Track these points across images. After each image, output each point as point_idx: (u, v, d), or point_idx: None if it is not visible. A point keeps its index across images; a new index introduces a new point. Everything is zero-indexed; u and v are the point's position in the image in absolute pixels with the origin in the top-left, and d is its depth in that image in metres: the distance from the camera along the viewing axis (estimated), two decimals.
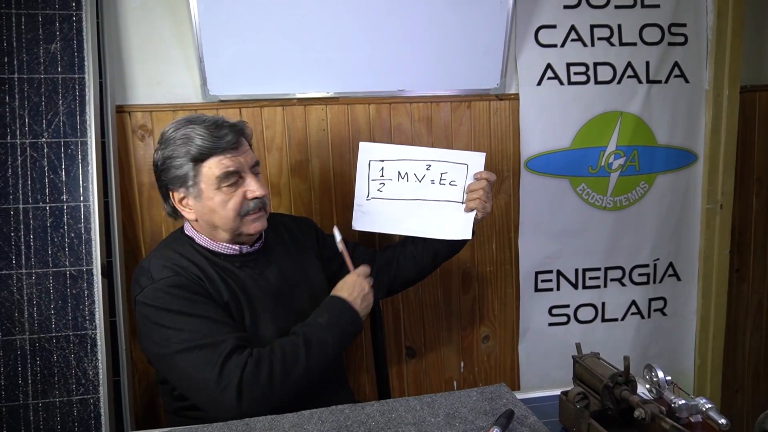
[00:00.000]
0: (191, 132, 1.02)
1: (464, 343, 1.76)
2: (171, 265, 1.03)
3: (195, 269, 1.04)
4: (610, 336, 1.79)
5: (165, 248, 1.09)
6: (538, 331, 1.77)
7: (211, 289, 1.03)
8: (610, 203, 1.73)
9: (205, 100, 1.48)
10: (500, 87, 1.62)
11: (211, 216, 1.05)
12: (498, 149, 1.68)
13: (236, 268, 1.09)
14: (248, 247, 1.13)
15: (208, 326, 0.98)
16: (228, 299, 1.04)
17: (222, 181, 1.03)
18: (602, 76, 1.65)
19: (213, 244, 1.09)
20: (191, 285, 1.01)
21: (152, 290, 1.00)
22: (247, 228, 1.08)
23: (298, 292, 1.16)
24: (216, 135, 1.02)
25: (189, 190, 1.04)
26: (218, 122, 1.04)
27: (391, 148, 1.30)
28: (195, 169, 1.02)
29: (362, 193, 1.31)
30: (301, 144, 1.56)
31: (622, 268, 1.78)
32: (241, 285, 1.07)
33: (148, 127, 1.49)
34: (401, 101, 1.59)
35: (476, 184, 1.27)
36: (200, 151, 1.01)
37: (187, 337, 0.96)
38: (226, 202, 1.04)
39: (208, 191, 1.03)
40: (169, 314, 0.98)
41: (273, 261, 1.16)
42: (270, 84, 1.49)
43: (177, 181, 1.05)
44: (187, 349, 0.96)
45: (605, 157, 1.70)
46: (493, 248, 1.73)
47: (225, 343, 0.96)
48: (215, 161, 1.02)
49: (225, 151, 1.03)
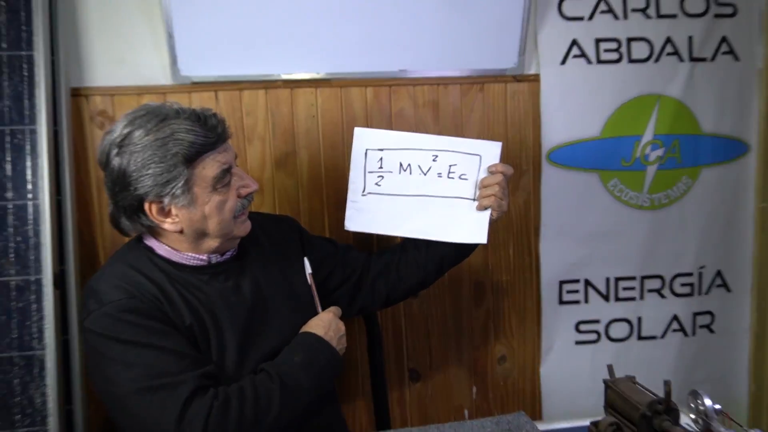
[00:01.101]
0: (176, 128, 0.99)
1: (477, 365, 1.76)
2: (124, 284, 1.01)
3: (152, 288, 1.02)
4: (647, 357, 1.78)
5: (118, 262, 1.07)
6: (563, 350, 1.77)
7: (171, 311, 1.02)
8: (647, 201, 1.73)
9: (176, 82, 1.47)
10: (518, 67, 1.62)
11: (204, 223, 1.04)
12: (515, 139, 1.67)
13: (203, 283, 1.07)
14: (218, 256, 1.11)
15: (165, 361, 0.97)
16: (191, 323, 1.03)
17: (219, 182, 1.03)
18: (637, 54, 1.65)
19: (176, 254, 1.07)
20: (147, 309, 1.00)
21: (100, 316, 0.98)
22: (238, 230, 1.09)
23: (278, 308, 1.15)
24: (207, 128, 1.01)
25: (177, 198, 1.01)
26: (198, 113, 1.03)
27: (391, 134, 1.29)
28: (188, 173, 1.00)
29: (357, 187, 1.30)
30: (287, 133, 1.56)
31: (662, 277, 1.78)
32: (207, 304, 1.06)
33: (108, 113, 1.47)
34: (403, 83, 1.59)
35: (491, 178, 1.27)
36: (196, 149, 1.00)
37: (139, 375, 0.95)
38: (223, 203, 1.04)
39: (203, 195, 1.02)
40: (118, 345, 0.96)
41: (248, 271, 1.14)
42: (251, 63, 1.49)
43: (158, 191, 1.00)
44: (139, 390, 0.94)
45: (641, 147, 1.69)
46: (510, 254, 1.73)
47: (184, 385, 0.95)
48: (210, 159, 1.02)
49: (218, 146, 1.03)
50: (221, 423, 0.94)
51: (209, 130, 1.01)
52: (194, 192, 1.02)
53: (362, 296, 1.33)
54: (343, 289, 1.31)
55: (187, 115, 1.02)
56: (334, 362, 1.10)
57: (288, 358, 1.06)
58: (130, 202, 1.02)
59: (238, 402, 0.97)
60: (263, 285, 1.15)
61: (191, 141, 0.99)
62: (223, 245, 1.09)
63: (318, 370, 1.06)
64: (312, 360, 1.06)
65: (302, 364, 1.05)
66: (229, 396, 0.97)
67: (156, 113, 1.01)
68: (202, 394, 0.96)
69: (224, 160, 1.04)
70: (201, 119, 1.02)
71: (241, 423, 0.96)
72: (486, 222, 1.28)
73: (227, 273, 1.11)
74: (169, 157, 0.99)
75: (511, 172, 1.28)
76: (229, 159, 1.05)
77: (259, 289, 1.14)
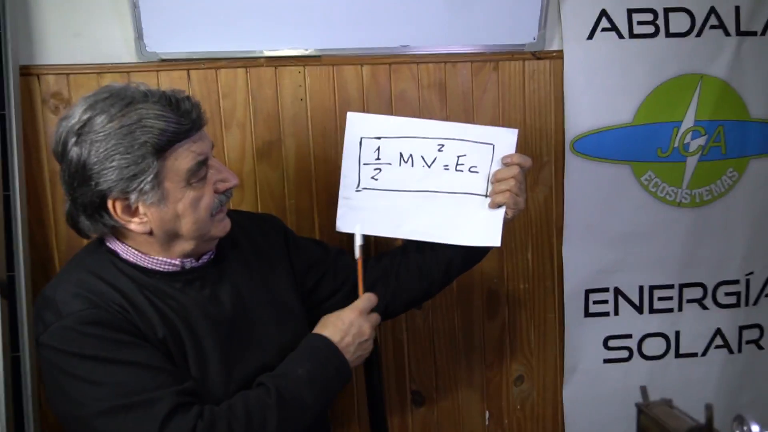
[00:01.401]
0: (144, 113, 0.99)
1: (490, 386, 1.77)
2: (85, 292, 1.02)
3: (117, 297, 1.03)
4: (686, 377, 1.79)
5: (76, 268, 1.07)
6: (589, 369, 1.78)
7: (141, 323, 1.02)
8: (687, 198, 1.73)
9: (141, 60, 1.47)
10: (538, 42, 1.62)
11: (177, 223, 1.05)
12: (535, 125, 1.67)
13: (177, 291, 1.08)
14: (193, 261, 1.11)
15: (138, 376, 0.97)
16: (164, 335, 1.03)
17: (193, 175, 1.03)
18: (676, 27, 1.64)
19: (144, 259, 1.07)
20: (113, 320, 1.00)
21: (59, 329, 0.98)
22: (216, 230, 1.09)
23: (263, 320, 1.16)
24: (180, 113, 1.01)
25: (146, 194, 1.01)
26: (169, 96, 1.03)
27: (390, 120, 1.30)
28: (159, 165, 1.00)
29: (350, 181, 1.30)
30: (271, 118, 1.56)
31: (703, 285, 1.78)
32: (182, 313, 1.06)
33: (63, 95, 1.47)
34: (405, 61, 1.59)
35: (505, 171, 1.27)
36: (167, 138, 0.99)
37: (109, 393, 0.95)
38: (198, 200, 1.04)
39: (176, 191, 1.03)
40: (82, 362, 0.96)
41: (227, 278, 1.15)
42: (229, 38, 1.49)
43: (123, 186, 1.00)
44: (110, 410, 0.94)
45: (680, 135, 1.69)
46: (528, 258, 1.74)
47: (162, 402, 0.95)
48: (184, 149, 1.02)
49: (192, 134, 1.03)
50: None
51: (182, 115, 1.01)
52: (165, 187, 1.02)
53: None
54: (335, 300, 1.31)
55: (157, 98, 1.01)
56: (342, 377, 1.10)
57: (291, 369, 1.07)
58: (91, 198, 1.01)
59: (226, 420, 0.97)
60: (245, 294, 1.15)
61: (162, 128, 0.99)
62: (198, 248, 1.10)
63: (324, 384, 1.07)
64: (319, 373, 1.07)
65: (307, 377, 1.05)
66: (216, 414, 0.98)
67: (121, 96, 1.00)
68: (183, 411, 0.96)
69: (199, 151, 1.04)
70: (173, 103, 1.01)
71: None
72: (500, 222, 1.28)
73: (203, 280, 1.11)
74: (136, 147, 0.98)
75: (529, 164, 1.28)
76: (205, 149, 1.05)
77: (240, 299, 1.14)
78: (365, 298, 1.19)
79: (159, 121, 0.99)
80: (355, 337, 1.13)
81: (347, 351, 1.12)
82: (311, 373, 1.06)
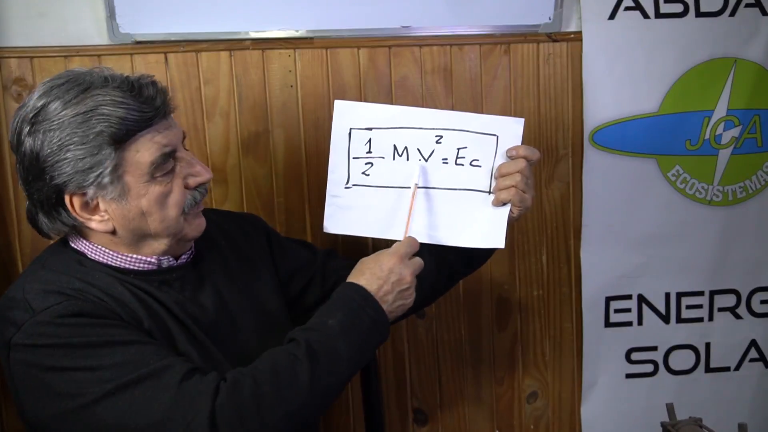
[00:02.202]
0: (101, 100, 0.98)
1: (500, 403, 1.75)
2: (56, 288, 1.00)
3: (94, 290, 1.02)
4: (717, 393, 1.77)
5: (42, 269, 1.06)
6: (610, 385, 1.76)
7: (123, 313, 1.01)
8: (719, 195, 1.70)
9: (114, 42, 1.46)
10: (554, 22, 1.60)
11: (143, 222, 1.03)
12: (550, 114, 1.65)
13: (155, 289, 1.07)
14: (171, 260, 1.10)
15: (138, 352, 0.96)
16: (150, 327, 1.02)
17: (158, 168, 1.02)
18: (707, 5, 1.61)
19: (116, 257, 1.06)
20: (95, 310, 0.99)
21: (35, 325, 0.96)
22: (190, 229, 1.08)
23: (249, 328, 1.15)
24: (142, 100, 1.00)
25: (105, 189, 1.00)
26: (132, 81, 1.02)
27: (382, 109, 1.27)
28: (117, 157, 0.99)
29: (339, 177, 1.28)
30: (258, 107, 1.55)
31: (737, 292, 1.76)
32: (165, 308, 1.06)
33: (26, 81, 1.45)
34: (407, 43, 1.58)
35: (510, 165, 1.24)
36: (126, 127, 0.99)
37: (112, 375, 0.93)
38: (165, 196, 1.03)
39: (138, 186, 1.01)
40: (73, 351, 0.94)
41: (207, 280, 1.14)
42: (211, 18, 1.48)
43: (79, 180, 0.99)
44: (115, 389, 0.92)
45: (711, 126, 1.66)
46: (543, 261, 1.71)
47: (172, 369, 0.94)
48: (147, 140, 1.01)
49: (156, 122, 1.02)
50: (234, 399, 0.93)
51: (144, 102, 1.00)
52: (126, 181, 1.00)
53: None
54: None
55: (118, 83, 1.00)
56: (379, 327, 1.08)
57: (321, 322, 1.05)
58: (47, 194, 1.00)
59: (251, 379, 0.96)
60: (227, 299, 1.15)
61: (120, 116, 0.98)
62: (172, 248, 1.08)
63: (359, 336, 1.05)
64: (353, 323, 1.05)
65: (339, 328, 1.04)
66: (239, 373, 0.97)
67: (78, 81, 1.00)
68: (200, 374, 0.96)
69: (165, 142, 1.02)
70: (135, 88, 1.00)
71: (260, 401, 0.94)
72: (504, 221, 1.26)
73: (182, 281, 1.10)
74: (91, 137, 0.97)
75: (537, 157, 1.24)
76: (172, 140, 1.03)
77: (223, 304, 1.14)
78: (406, 242, 1.16)
79: (117, 108, 0.98)
80: (395, 285, 1.10)
81: (385, 301, 1.09)
82: (343, 323, 1.04)
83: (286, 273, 1.29)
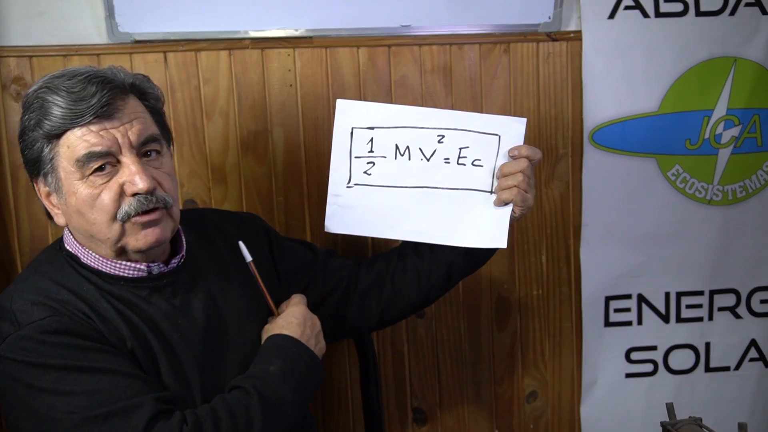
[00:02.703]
0: (47, 93, 1.01)
1: (499, 403, 1.75)
2: (45, 300, 1.01)
3: (81, 305, 1.02)
4: (717, 393, 1.78)
5: (35, 275, 1.07)
6: (609, 384, 1.76)
7: (107, 333, 1.02)
8: (719, 195, 1.70)
9: (113, 41, 1.46)
10: (554, 21, 1.60)
11: (80, 220, 1.04)
12: (550, 114, 1.65)
13: (142, 300, 1.07)
14: (161, 266, 1.10)
15: (111, 384, 0.96)
16: (133, 347, 1.03)
17: (85, 167, 1.01)
18: (707, 4, 1.61)
19: (106, 263, 1.06)
20: (78, 329, 1.00)
21: (18, 340, 0.97)
22: (132, 240, 1.04)
23: (241, 331, 1.16)
24: (79, 96, 1.01)
25: (47, 179, 1.05)
26: (92, 76, 1.03)
27: (384, 108, 1.28)
28: (51, 150, 1.02)
29: (341, 177, 1.29)
30: (258, 106, 1.55)
31: (737, 291, 1.76)
32: (151, 324, 1.06)
33: (25, 80, 1.45)
34: (406, 43, 1.58)
35: (512, 164, 1.25)
36: (57, 122, 1.00)
37: (81, 403, 0.94)
38: (93, 198, 1.02)
39: (70, 182, 1.02)
40: (48, 372, 0.96)
41: (201, 285, 1.14)
42: (210, 17, 1.48)
43: (34, 168, 1.05)
44: (83, 421, 0.93)
45: (711, 125, 1.66)
46: (542, 261, 1.71)
47: (141, 409, 0.95)
48: (77, 136, 1.01)
49: (89, 120, 1.01)
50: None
51: (82, 98, 1.00)
52: (59, 176, 1.03)
53: (349, 316, 1.32)
54: (325, 307, 1.30)
55: (71, 76, 1.02)
56: (314, 369, 1.13)
57: (262, 369, 1.08)
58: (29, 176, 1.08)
59: (212, 423, 0.98)
60: (220, 302, 1.15)
61: (51, 111, 1.01)
62: (125, 256, 1.06)
63: (299, 380, 1.09)
64: (292, 368, 1.09)
65: (281, 373, 1.07)
66: (199, 418, 0.98)
67: (65, 73, 1.03)
68: (165, 418, 0.96)
69: (96, 142, 1.00)
70: (86, 83, 1.01)
71: None
72: (506, 221, 1.27)
73: (174, 286, 1.10)
74: (32, 128, 1.02)
75: (538, 157, 1.25)
76: (108, 141, 1.01)
77: (215, 308, 1.13)
78: (298, 296, 1.22)
79: (53, 104, 1.01)
80: (312, 329, 1.16)
81: (309, 345, 1.14)
82: (284, 369, 1.08)
83: (286, 273, 1.28)
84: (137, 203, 1.02)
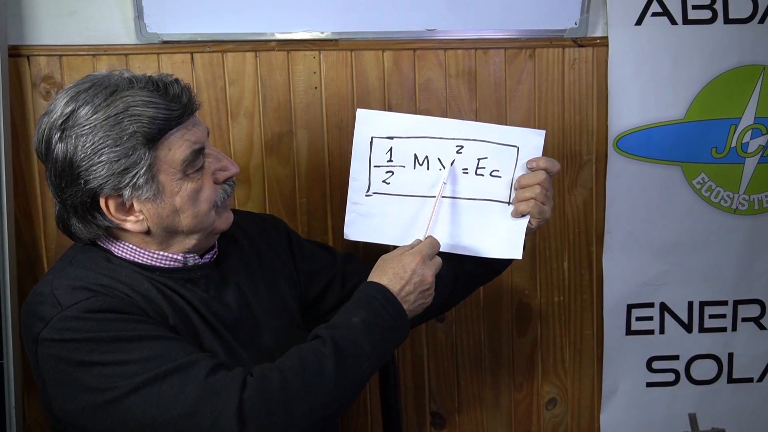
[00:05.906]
0: (131, 101, 1.00)
1: (518, 409, 1.76)
2: (84, 284, 1.02)
3: (121, 286, 1.04)
4: (740, 405, 1.77)
5: (70, 265, 1.08)
6: (631, 393, 1.76)
7: (149, 309, 1.04)
8: (745, 204, 1.71)
9: (141, 41, 1.48)
10: (580, 27, 1.61)
11: (176, 219, 1.06)
12: (574, 120, 1.66)
13: (180, 286, 1.09)
14: (196, 258, 1.12)
15: (164, 347, 0.97)
16: (175, 323, 1.04)
17: (190, 165, 1.04)
18: (736, 12, 1.61)
19: (142, 254, 1.08)
20: (121, 306, 1.01)
21: (63, 320, 0.98)
22: (220, 223, 1.10)
23: (265, 326, 1.17)
24: (169, 98, 1.02)
25: (140, 189, 1.02)
26: (156, 80, 1.04)
27: (403, 118, 1.28)
28: (151, 156, 1.01)
29: (360, 185, 1.30)
30: (282, 108, 1.56)
31: (761, 302, 1.76)
32: (189, 306, 1.08)
33: (55, 79, 1.47)
34: (431, 47, 1.59)
35: (530, 176, 1.25)
36: (158, 126, 1.00)
37: (139, 369, 0.95)
38: (197, 192, 1.06)
39: (172, 184, 1.04)
40: (100, 346, 0.96)
41: (230, 279, 1.16)
42: (237, 19, 1.50)
43: (115, 182, 1.01)
44: (143, 383, 0.94)
45: (738, 134, 1.66)
46: (564, 268, 1.72)
47: (199, 363, 0.96)
48: (177, 138, 1.03)
49: (184, 120, 1.04)
50: (262, 392, 0.95)
51: (172, 100, 1.02)
52: (160, 180, 1.03)
53: None
54: None
55: (143, 83, 1.02)
56: (399, 327, 1.10)
57: (345, 319, 1.07)
58: (82, 199, 1.02)
59: (279, 373, 0.98)
60: (250, 298, 1.16)
61: (151, 116, 0.99)
62: (201, 243, 1.11)
63: (381, 334, 1.07)
64: (375, 321, 1.07)
65: (362, 325, 1.06)
66: (265, 370, 0.99)
67: (104, 84, 1.01)
68: (226, 368, 0.97)
69: (194, 139, 1.04)
70: (160, 88, 1.02)
71: (287, 395, 0.96)
72: (522, 232, 1.28)
73: (207, 279, 1.12)
74: (125, 139, 0.99)
75: (557, 169, 1.26)
76: (200, 137, 1.06)
77: (246, 302, 1.15)
78: (428, 242, 1.18)
79: (147, 108, 0.99)
80: (417, 285, 1.12)
81: (406, 300, 1.11)
82: (366, 321, 1.06)
83: (305, 275, 1.30)
84: (228, 188, 1.10)
